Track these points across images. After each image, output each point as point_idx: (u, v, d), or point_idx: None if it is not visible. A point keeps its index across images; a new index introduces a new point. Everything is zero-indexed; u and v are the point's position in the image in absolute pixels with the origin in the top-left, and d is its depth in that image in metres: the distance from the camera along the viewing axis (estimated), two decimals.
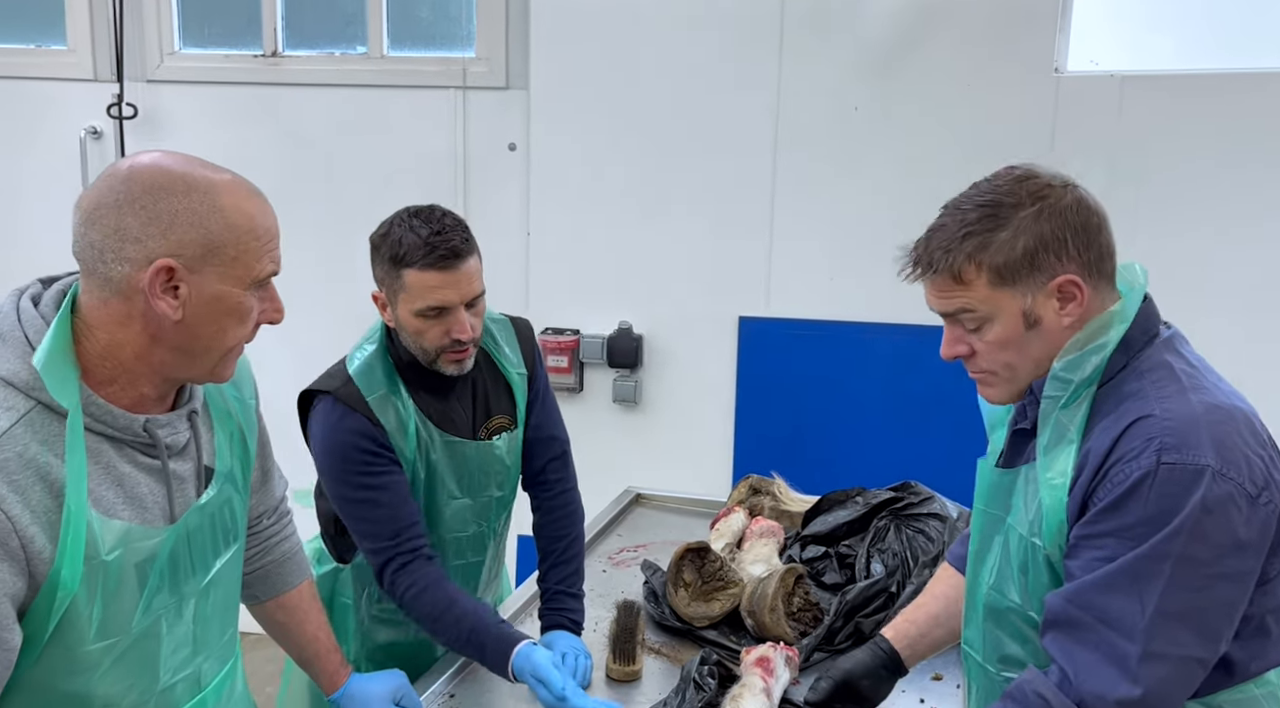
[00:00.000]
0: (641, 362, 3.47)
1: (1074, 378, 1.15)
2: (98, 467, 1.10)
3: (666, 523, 2.58)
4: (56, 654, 1.08)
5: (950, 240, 1.15)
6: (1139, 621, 1.05)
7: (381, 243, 1.64)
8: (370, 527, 1.67)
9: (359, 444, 1.65)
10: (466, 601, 1.67)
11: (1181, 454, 1.05)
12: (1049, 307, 1.15)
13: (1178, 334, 1.21)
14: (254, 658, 3.74)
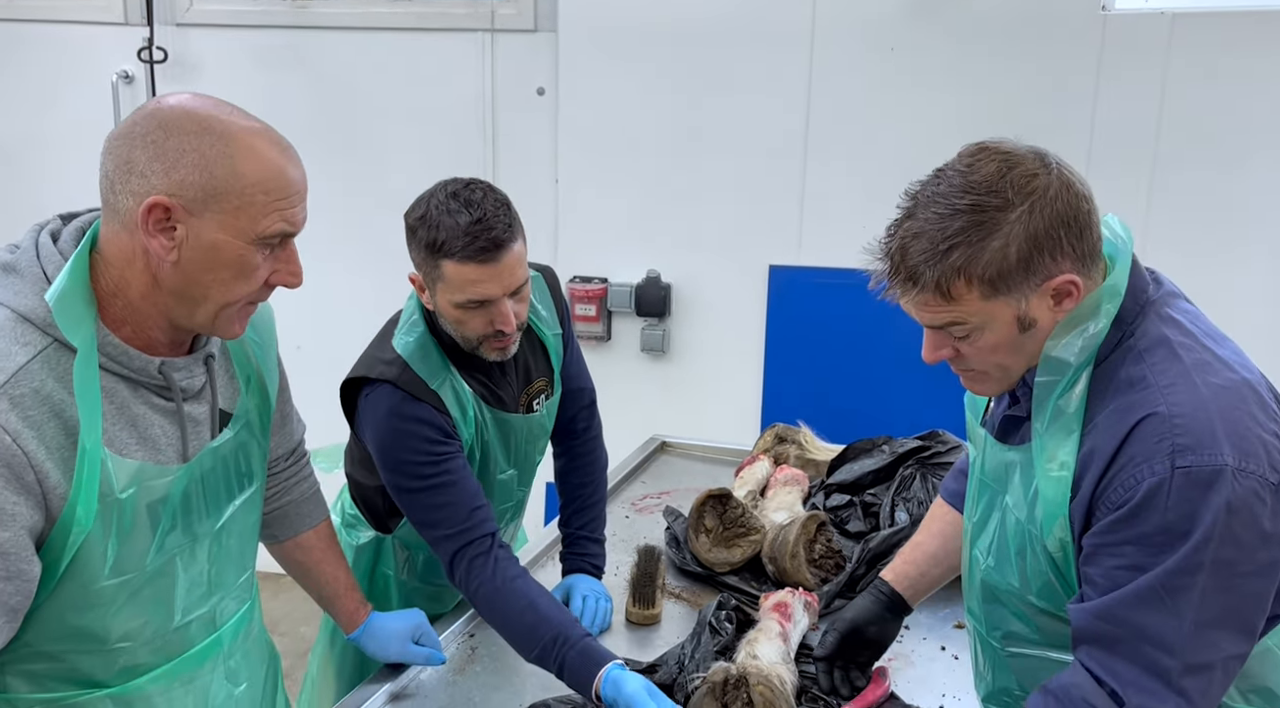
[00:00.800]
0: (670, 311, 3.44)
1: (1069, 359, 1.08)
2: (112, 406, 1.10)
3: (691, 471, 2.57)
4: (72, 589, 1.10)
5: (933, 253, 1.04)
6: (1177, 636, 1.00)
7: (419, 226, 1.51)
8: (438, 515, 1.57)
9: (425, 434, 1.55)
10: (544, 604, 1.53)
11: (1197, 456, 0.99)
12: (1044, 307, 1.07)
13: (1168, 291, 1.13)
14: (291, 598, 3.81)
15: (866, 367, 3.23)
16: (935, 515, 1.53)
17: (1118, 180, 2.92)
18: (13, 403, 1.01)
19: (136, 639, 1.17)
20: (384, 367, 1.57)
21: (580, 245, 3.46)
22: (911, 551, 1.52)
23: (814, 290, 3.26)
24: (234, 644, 1.32)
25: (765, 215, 3.28)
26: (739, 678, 1.38)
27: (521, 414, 1.74)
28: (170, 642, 1.21)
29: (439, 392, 1.58)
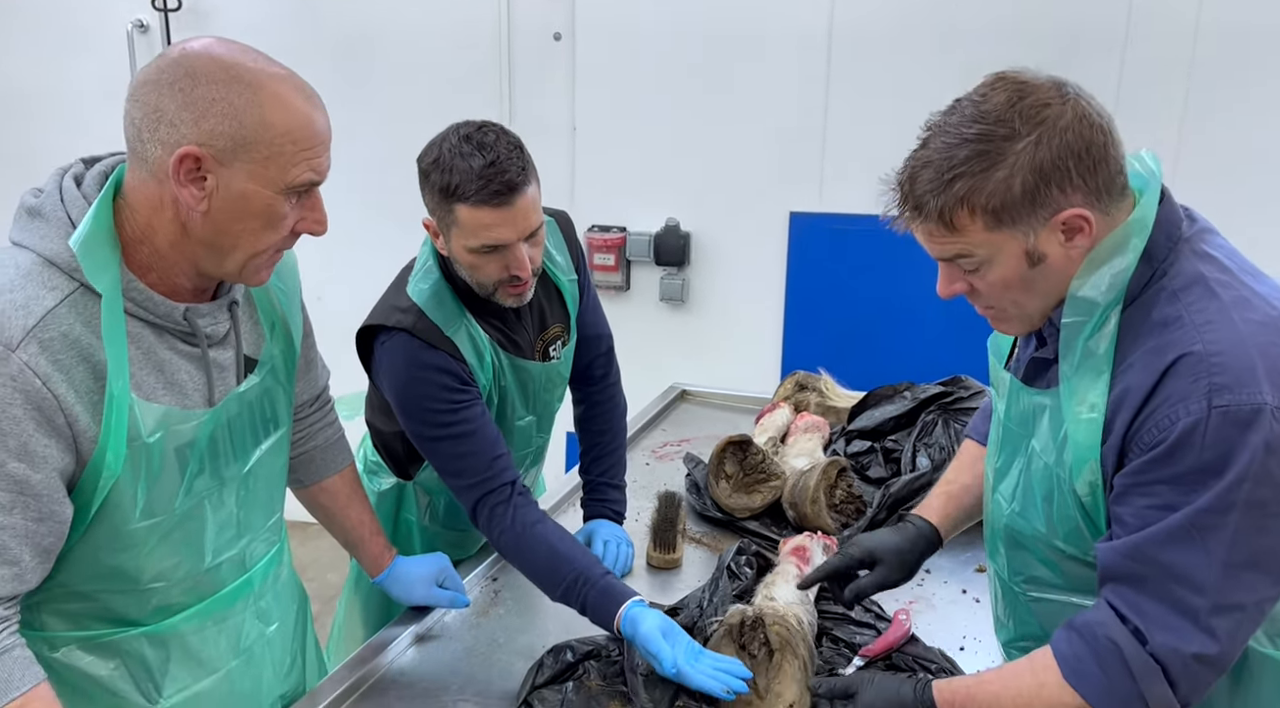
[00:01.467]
0: (689, 259, 3.42)
1: (1096, 299, 1.05)
2: (139, 352, 1.11)
3: (711, 418, 2.57)
4: (103, 530, 1.12)
5: (938, 183, 1.03)
6: (1207, 575, 0.99)
7: (431, 170, 1.48)
8: (459, 464, 1.58)
9: (443, 382, 1.55)
10: (566, 546, 1.55)
11: (1235, 394, 0.96)
12: (1054, 241, 1.04)
13: (1202, 227, 1.09)
14: (319, 545, 3.87)
15: (888, 313, 3.21)
16: (976, 456, 1.47)
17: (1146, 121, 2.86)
18: (42, 347, 1.02)
19: (169, 580, 1.19)
20: (399, 314, 1.57)
21: (598, 194, 3.44)
22: (961, 492, 1.46)
23: (835, 237, 3.23)
24: (264, 586, 1.34)
25: (786, 162, 3.24)
26: (755, 619, 1.39)
27: (539, 362, 1.74)
28: (202, 583, 1.23)
29: (454, 338, 1.57)
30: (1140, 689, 1.03)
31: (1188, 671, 1.02)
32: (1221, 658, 1.02)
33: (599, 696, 1.39)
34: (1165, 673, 1.02)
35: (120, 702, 1.19)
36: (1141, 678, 1.03)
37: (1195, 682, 1.03)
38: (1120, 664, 1.04)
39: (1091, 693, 1.06)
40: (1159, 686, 1.02)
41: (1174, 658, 1.02)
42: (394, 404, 1.59)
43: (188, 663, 1.23)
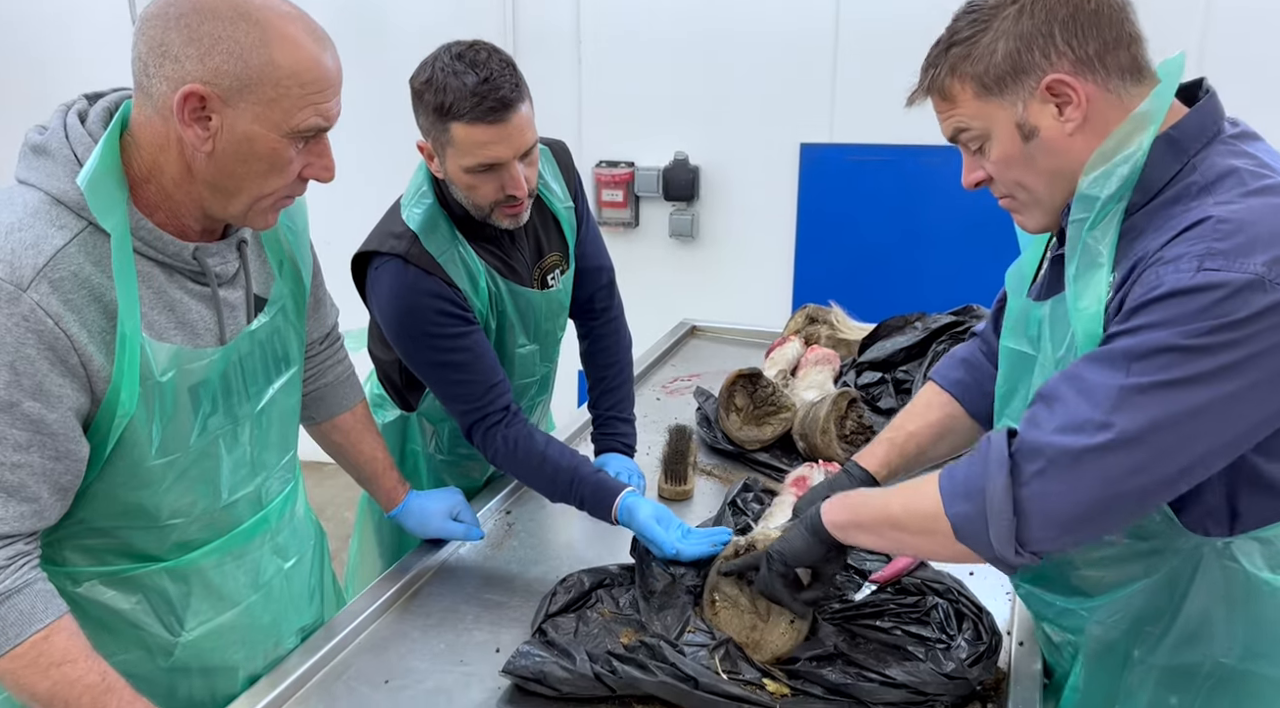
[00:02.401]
0: (698, 194, 3.39)
1: (1099, 195, 1.02)
2: (149, 291, 1.11)
3: (721, 354, 2.57)
4: (121, 468, 1.13)
5: (937, 54, 1.07)
6: (1113, 393, 0.94)
7: (425, 90, 1.47)
8: (455, 390, 1.61)
9: (438, 308, 1.56)
10: (558, 453, 1.61)
11: (1227, 260, 0.91)
12: (1045, 114, 1.03)
13: (1247, 131, 1.06)
14: (335, 485, 3.91)
15: (900, 244, 3.18)
16: (933, 403, 1.44)
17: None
18: (53, 286, 1.02)
19: (187, 516, 1.21)
20: (393, 240, 1.58)
21: (605, 129, 3.39)
22: (906, 441, 1.42)
23: (847, 169, 3.19)
24: (280, 522, 1.36)
25: (796, 91, 3.18)
26: (749, 546, 1.40)
27: (537, 290, 1.74)
28: (219, 519, 1.25)
29: (448, 264, 1.58)
30: (985, 482, 1.01)
31: (1040, 482, 0.97)
32: (1084, 491, 0.96)
33: (611, 623, 1.41)
34: (1015, 472, 0.99)
35: (144, 634, 1.22)
36: (991, 466, 1.01)
37: (1044, 504, 0.97)
38: (982, 456, 1.03)
39: (947, 483, 1.07)
40: (1000, 477, 0.99)
41: (1032, 456, 0.98)
42: (388, 330, 1.61)
43: (208, 597, 1.26)
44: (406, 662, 1.38)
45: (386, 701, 1.30)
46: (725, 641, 1.32)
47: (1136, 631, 1.13)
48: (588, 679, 1.26)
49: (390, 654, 1.39)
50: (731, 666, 1.29)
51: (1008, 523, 1.00)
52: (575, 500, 1.59)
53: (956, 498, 1.05)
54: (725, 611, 1.40)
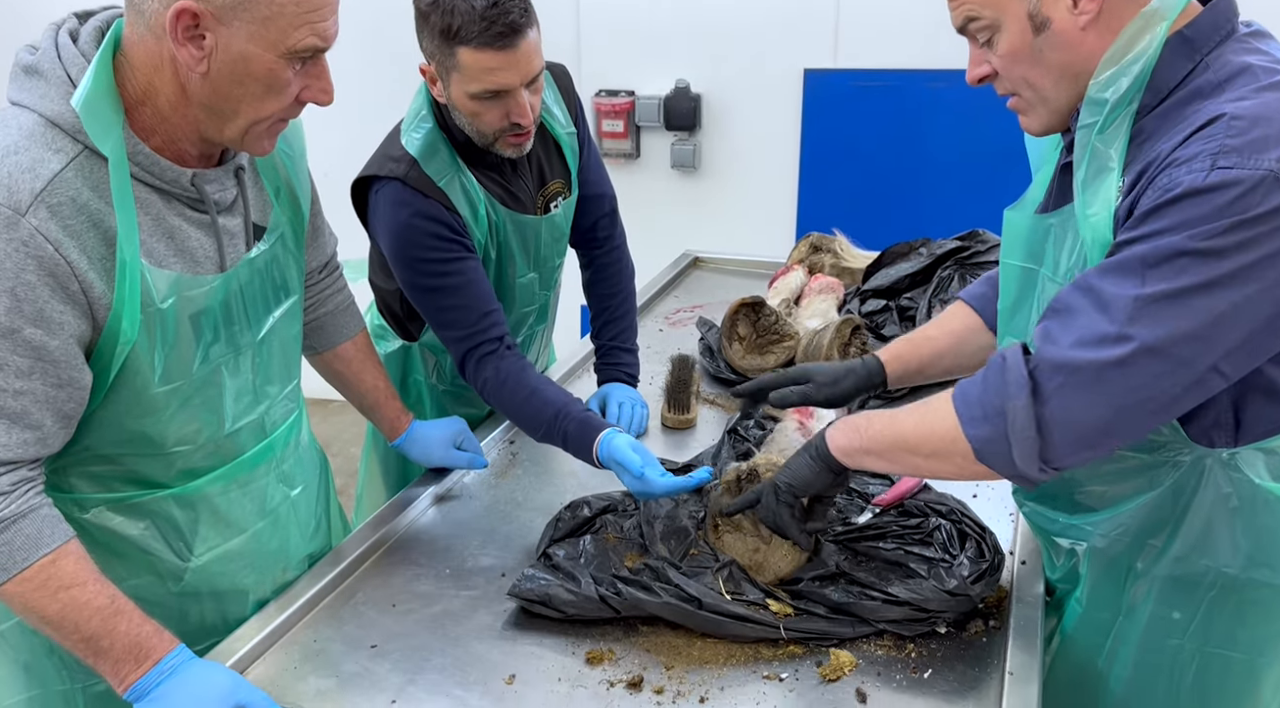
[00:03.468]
0: (700, 123, 3.33)
1: (1108, 98, 0.99)
2: (147, 218, 1.10)
3: (724, 285, 2.55)
4: (124, 396, 1.13)
5: None
6: (1130, 303, 0.92)
7: (431, 11, 1.43)
8: (449, 316, 1.59)
9: (434, 231, 1.54)
10: (547, 389, 1.59)
11: (1241, 157, 0.89)
12: (1059, 4, 0.99)
13: (1260, 30, 1.03)
14: (341, 421, 3.93)
15: (906, 171, 3.14)
16: (955, 314, 1.45)
17: None
18: (51, 212, 1.00)
19: (192, 444, 1.21)
20: (392, 164, 1.56)
21: (605, 57, 3.32)
22: (923, 342, 1.44)
23: (851, 95, 3.13)
24: (285, 451, 1.36)
25: (800, 16, 3.10)
26: (750, 471, 1.40)
27: (539, 216, 1.72)
28: (223, 447, 1.25)
29: (447, 189, 1.56)
30: (1004, 403, 0.99)
31: (1060, 399, 0.96)
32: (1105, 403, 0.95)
33: (615, 547, 1.42)
34: (1035, 392, 0.98)
35: (153, 560, 1.23)
36: (1011, 387, 0.99)
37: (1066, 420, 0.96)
38: (999, 375, 1.01)
39: (963, 408, 1.05)
40: (1021, 397, 0.98)
41: (1052, 373, 0.96)
42: (387, 254, 1.60)
43: (216, 524, 1.27)
44: (413, 587, 1.39)
45: (394, 624, 1.31)
46: (729, 563, 1.33)
47: (1139, 544, 1.13)
48: (593, 601, 1.28)
49: (397, 580, 1.41)
50: (735, 587, 1.30)
51: (1031, 442, 0.99)
52: (558, 435, 1.54)
53: (975, 420, 1.03)
54: (728, 534, 1.41)
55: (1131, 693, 1.21)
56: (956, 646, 1.23)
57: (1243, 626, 1.12)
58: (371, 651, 1.26)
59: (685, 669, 1.22)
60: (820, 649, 1.24)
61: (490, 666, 1.23)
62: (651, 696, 1.18)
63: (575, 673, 1.22)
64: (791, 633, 1.24)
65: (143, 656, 1.08)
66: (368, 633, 1.29)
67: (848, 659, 1.21)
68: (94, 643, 1.06)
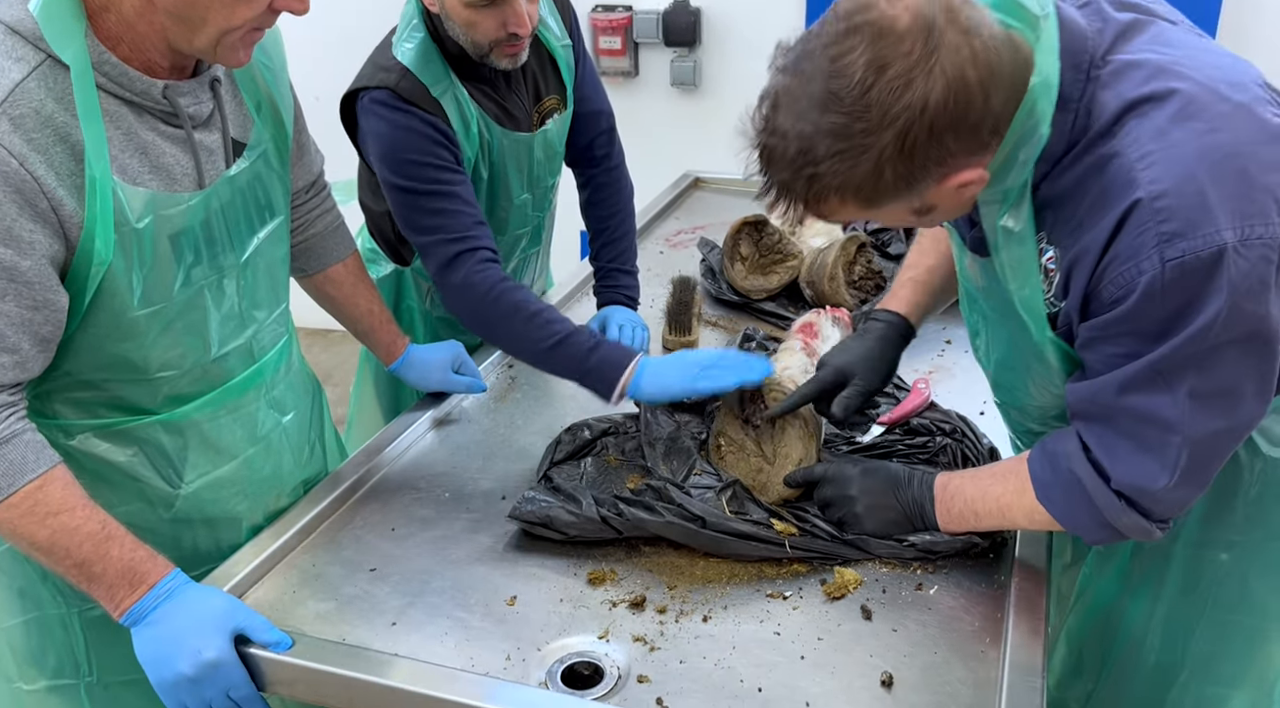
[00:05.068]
0: (700, 39, 3.22)
1: (1004, 185, 0.96)
2: (118, 132, 1.05)
3: (725, 205, 2.49)
4: (103, 319, 1.09)
5: (799, 177, 0.89)
6: (1174, 412, 0.93)
7: None
8: (439, 220, 1.49)
9: (429, 135, 1.48)
10: (549, 308, 1.49)
11: (1190, 242, 0.84)
12: (944, 193, 0.92)
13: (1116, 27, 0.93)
14: (341, 351, 3.89)
15: None
16: (936, 236, 1.39)
17: None
18: (14, 124, 0.96)
19: (177, 369, 1.18)
20: (383, 74, 1.49)
21: None
22: (927, 276, 1.39)
23: None
24: (275, 377, 1.33)
25: None
26: (753, 391, 1.37)
27: (533, 133, 1.66)
28: (210, 372, 1.22)
29: (440, 100, 1.50)
30: (1106, 519, 1.02)
31: (1159, 500, 0.99)
32: (1198, 482, 0.99)
33: (617, 469, 1.40)
34: (1132, 505, 1.00)
35: (142, 486, 1.21)
36: (1107, 510, 1.01)
37: (1169, 506, 1.00)
38: (1084, 497, 1.02)
39: (1060, 516, 1.06)
40: (1127, 516, 1.00)
41: (1140, 494, 0.99)
42: (375, 160, 1.53)
43: (205, 450, 1.24)
44: (412, 511, 1.37)
45: (394, 548, 1.30)
46: (732, 482, 1.31)
47: None
48: (594, 522, 1.26)
49: (395, 504, 1.39)
50: (739, 506, 1.28)
51: (1148, 529, 1.02)
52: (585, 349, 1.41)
53: (1083, 529, 1.06)
54: (731, 455, 1.39)
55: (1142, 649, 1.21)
56: (961, 562, 1.22)
57: (1249, 593, 1.11)
58: (371, 574, 1.25)
59: (688, 589, 1.20)
60: (825, 568, 1.22)
61: (491, 588, 1.22)
62: (654, 615, 1.16)
63: (577, 594, 1.20)
64: (796, 552, 1.23)
65: (137, 580, 1.06)
66: (367, 557, 1.28)
67: (852, 577, 1.19)
68: (86, 569, 1.04)
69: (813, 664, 1.08)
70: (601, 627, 1.15)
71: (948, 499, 1.19)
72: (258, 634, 1.08)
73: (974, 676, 1.05)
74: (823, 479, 1.27)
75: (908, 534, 1.21)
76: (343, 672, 1.06)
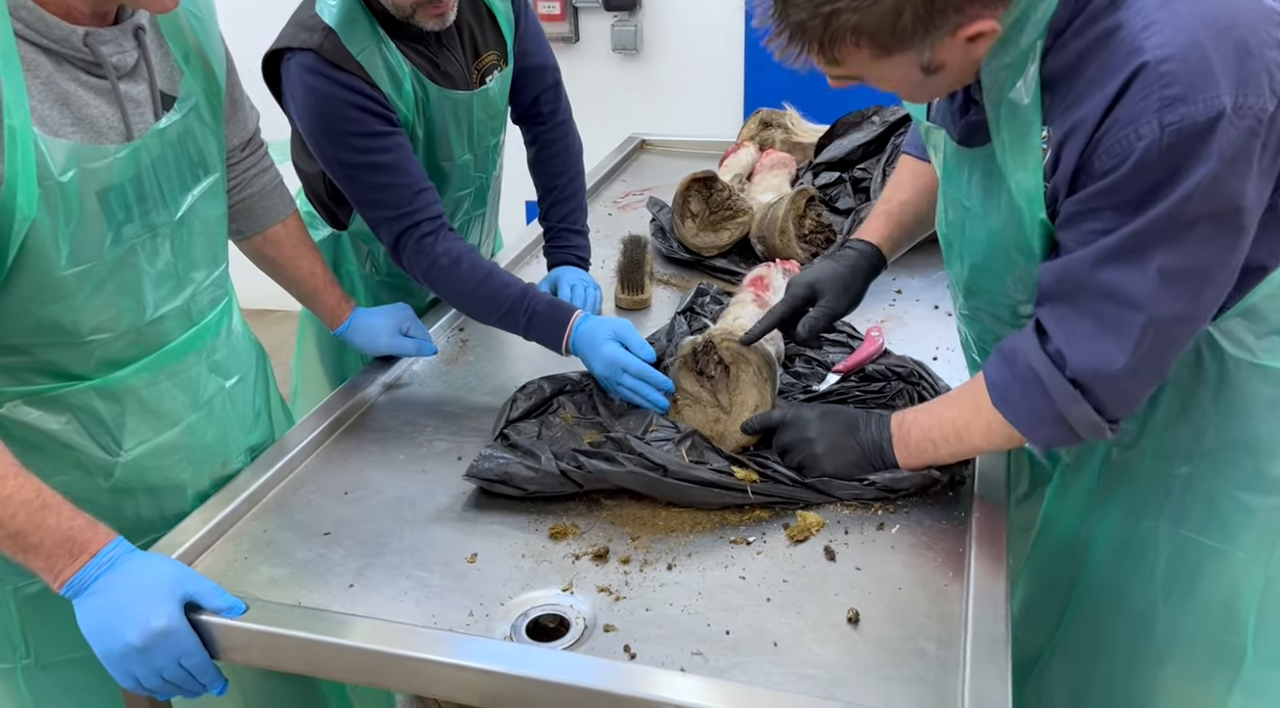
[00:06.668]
0: (641, 3, 3.19)
1: (1006, 62, 0.96)
2: (37, 82, 0.99)
3: (673, 167, 2.47)
4: (28, 280, 1.04)
5: (814, 15, 0.90)
6: (1142, 288, 0.93)
7: None
8: (379, 196, 1.46)
9: (355, 102, 1.42)
10: (506, 273, 1.50)
11: (1190, 106, 0.85)
12: (954, 48, 0.93)
13: None
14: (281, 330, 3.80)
15: None
16: (914, 170, 1.40)
17: None
18: None
19: (110, 332, 1.12)
20: (305, 34, 1.43)
21: None
22: (900, 210, 1.40)
23: None
24: (216, 340, 1.28)
25: None
26: (706, 343, 1.36)
27: (472, 91, 1.61)
28: (146, 335, 1.17)
29: (366, 62, 1.44)
30: (1061, 412, 1.02)
31: (1113, 388, 0.99)
32: (1153, 371, 0.99)
33: (573, 427, 1.38)
34: (1085, 394, 1.00)
35: (78, 455, 1.15)
36: (1061, 400, 1.01)
37: (1122, 397, 1.01)
38: (1040, 390, 1.02)
39: (1016, 418, 1.07)
40: (1079, 407, 1.01)
41: (1095, 379, 0.99)
42: (304, 132, 1.47)
43: (145, 417, 1.19)
44: (365, 474, 1.34)
45: (347, 511, 1.26)
46: (691, 433, 1.30)
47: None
48: (554, 477, 1.24)
49: (348, 468, 1.35)
50: (699, 456, 1.27)
51: (1096, 425, 1.02)
52: (523, 314, 1.45)
53: (1035, 426, 1.06)
54: (688, 408, 1.38)
55: (1109, 576, 1.22)
56: (921, 501, 1.22)
57: (1215, 510, 1.11)
58: (325, 538, 1.21)
59: (651, 539, 1.19)
60: (787, 512, 1.22)
61: (451, 546, 1.19)
62: (618, 566, 1.15)
63: (539, 549, 1.18)
64: (759, 497, 1.22)
65: (78, 549, 1.01)
66: (319, 521, 1.24)
67: (814, 520, 1.19)
68: (21, 539, 0.99)
69: (779, 606, 1.08)
70: (565, 580, 1.13)
71: (904, 433, 1.19)
72: (209, 600, 1.04)
73: (939, 609, 1.05)
74: (781, 424, 1.27)
75: (868, 474, 1.21)
76: (301, 634, 1.03)
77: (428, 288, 1.52)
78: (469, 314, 1.54)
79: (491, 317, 1.48)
